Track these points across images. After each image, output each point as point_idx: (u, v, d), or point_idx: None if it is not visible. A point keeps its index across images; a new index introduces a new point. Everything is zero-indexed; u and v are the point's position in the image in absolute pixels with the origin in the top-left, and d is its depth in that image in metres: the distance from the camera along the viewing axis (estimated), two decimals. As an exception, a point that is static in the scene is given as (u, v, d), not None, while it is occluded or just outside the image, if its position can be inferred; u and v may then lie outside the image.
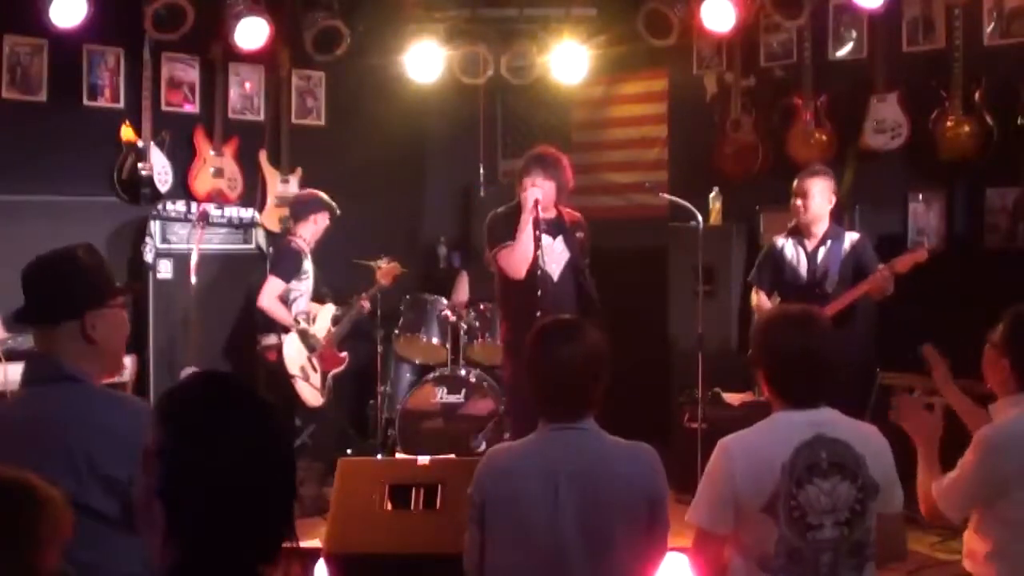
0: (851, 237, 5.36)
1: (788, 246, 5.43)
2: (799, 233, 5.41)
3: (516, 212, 5.23)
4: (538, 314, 5.01)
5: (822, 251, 5.32)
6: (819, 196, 5.30)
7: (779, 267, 5.45)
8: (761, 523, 2.63)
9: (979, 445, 2.94)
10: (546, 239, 5.17)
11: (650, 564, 2.72)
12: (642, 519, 2.65)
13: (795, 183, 5.39)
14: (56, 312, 2.42)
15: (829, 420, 2.70)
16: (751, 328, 5.55)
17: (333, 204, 6.35)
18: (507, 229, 5.20)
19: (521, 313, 5.08)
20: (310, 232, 6.26)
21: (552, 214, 5.28)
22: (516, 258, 5.13)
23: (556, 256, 5.26)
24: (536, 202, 5.10)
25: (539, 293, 5.05)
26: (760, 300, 5.54)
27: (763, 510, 2.62)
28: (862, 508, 2.65)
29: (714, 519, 2.69)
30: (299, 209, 6.34)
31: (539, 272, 5.10)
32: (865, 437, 2.73)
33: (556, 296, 5.15)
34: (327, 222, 6.31)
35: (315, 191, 6.44)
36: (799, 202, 5.32)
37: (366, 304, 6.50)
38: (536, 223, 5.10)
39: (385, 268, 6.52)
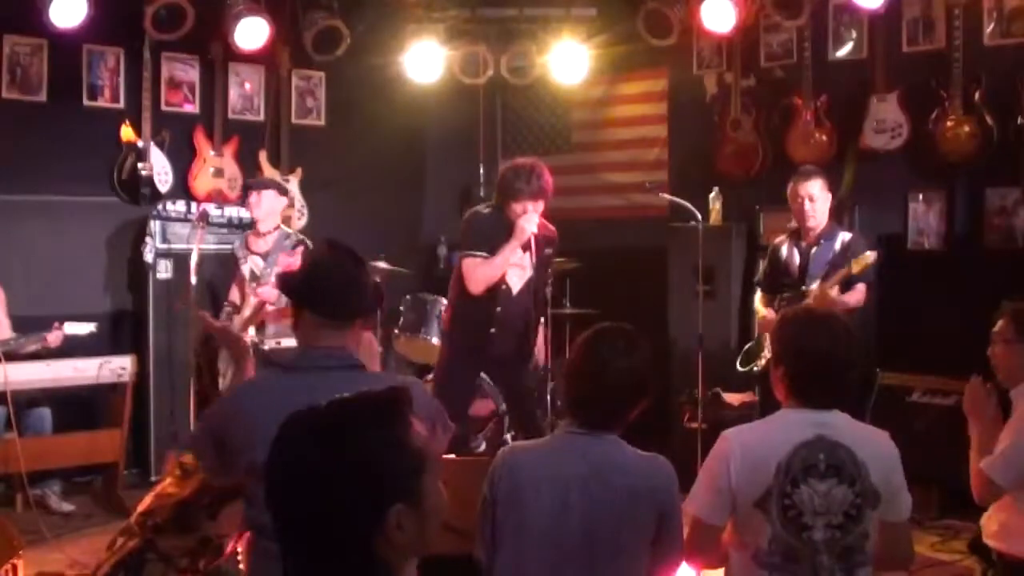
0: (844, 236, 5.35)
1: (785, 245, 5.46)
2: (797, 233, 5.42)
3: (498, 217, 5.05)
4: (492, 331, 5.07)
5: (815, 250, 5.32)
6: (822, 197, 5.30)
7: (775, 266, 5.50)
8: (754, 518, 2.63)
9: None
10: (516, 252, 5.05)
11: (665, 572, 2.70)
12: (649, 532, 2.63)
13: (792, 187, 5.34)
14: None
15: (835, 423, 2.68)
16: (757, 327, 5.52)
17: (270, 181, 5.94)
18: (485, 238, 5.04)
19: (470, 321, 5.13)
20: (256, 212, 5.82)
21: None
22: (482, 277, 5.00)
23: (518, 271, 5.12)
24: (531, 238, 4.96)
25: (498, 309, 5.06)
26: (757, 296, 5.58)
27: (756, 505, 2.63)
28: (858, 514, 2.63)
29: (711, 509, 2.69)
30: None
31: (503, 286, 5.06)
32: (871, 443, 2.71)
33: (510, 310, 5.10)
34: (266, 202, 5.80)
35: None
36: (808, 207, 5.27)
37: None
38: (527, 245, 4.98)
39: None
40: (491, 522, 2.69)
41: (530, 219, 4.95)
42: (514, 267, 5.09)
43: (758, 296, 5.62)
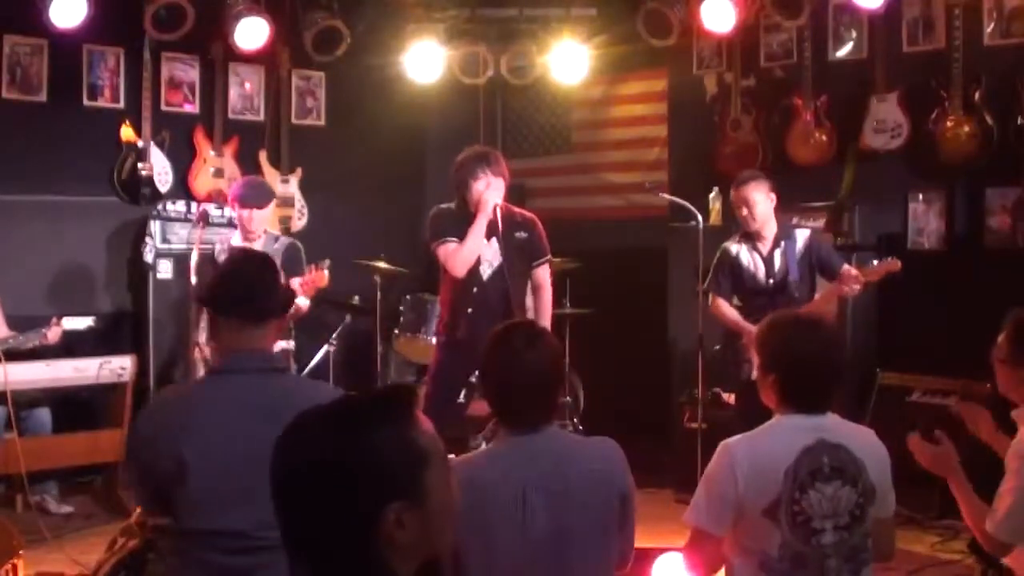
0: (803, 234, 5.34)
1: (743, 252, 5.36)
2: (751, 238, 5.37)
3: (461, 209, 5.12)
4: (469, 311, 5.10)
5: (777, 253, 5.27)
6: (762, 201, 5.25)
7: (737, 273, 5.39)
8: (761, 525, 2.63)
9: (1018, 458, 2.94)
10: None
11: (622, 560, 2.69)
12: (614, 515, 2.60)
13: (732, 194, 5.34)
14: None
15: (831, 425, 2.69)
16: (729, 331, 5.44)
17: (266, 191, 5.80)
18: (452, 225, 5.10)
19: (454, 308, 5.19)
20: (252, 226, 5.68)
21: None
22: (461, 258, 5.04)
23: (487, 257, 5.15)
24: (496, 206, 5.01)
25: (474, 290, 5.10)
26: (720, 304, 5.42)
27: (764, 513, 2.62)
28: (861, 512, 2.65)
29: (713, 520, 2.68)
30: None
31: (479, 266, 5.11)
32: (864, 442, 2.73)
33: (485, 291, 5.13)
34: (265, 214, 5.71)
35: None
36: (744, 212, 5.26)
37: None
38: (493, 228, 5.04)
39: (307, 278, 5.39)
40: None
41: (492, 191, 5.00)
42: (483, 254, 5.11)
43: (716, 301, 5.43)
